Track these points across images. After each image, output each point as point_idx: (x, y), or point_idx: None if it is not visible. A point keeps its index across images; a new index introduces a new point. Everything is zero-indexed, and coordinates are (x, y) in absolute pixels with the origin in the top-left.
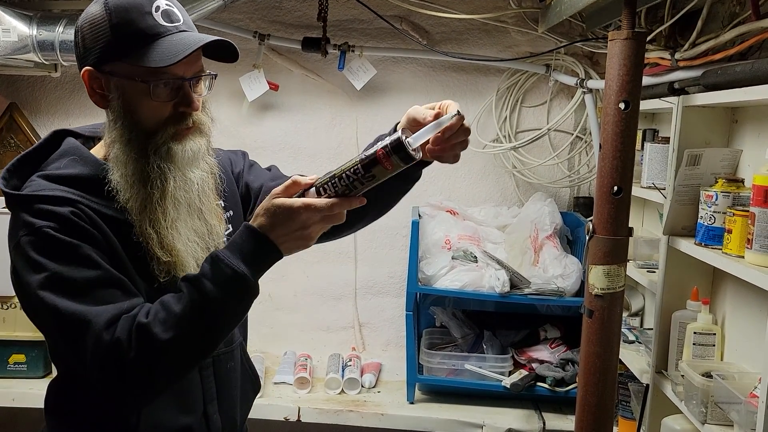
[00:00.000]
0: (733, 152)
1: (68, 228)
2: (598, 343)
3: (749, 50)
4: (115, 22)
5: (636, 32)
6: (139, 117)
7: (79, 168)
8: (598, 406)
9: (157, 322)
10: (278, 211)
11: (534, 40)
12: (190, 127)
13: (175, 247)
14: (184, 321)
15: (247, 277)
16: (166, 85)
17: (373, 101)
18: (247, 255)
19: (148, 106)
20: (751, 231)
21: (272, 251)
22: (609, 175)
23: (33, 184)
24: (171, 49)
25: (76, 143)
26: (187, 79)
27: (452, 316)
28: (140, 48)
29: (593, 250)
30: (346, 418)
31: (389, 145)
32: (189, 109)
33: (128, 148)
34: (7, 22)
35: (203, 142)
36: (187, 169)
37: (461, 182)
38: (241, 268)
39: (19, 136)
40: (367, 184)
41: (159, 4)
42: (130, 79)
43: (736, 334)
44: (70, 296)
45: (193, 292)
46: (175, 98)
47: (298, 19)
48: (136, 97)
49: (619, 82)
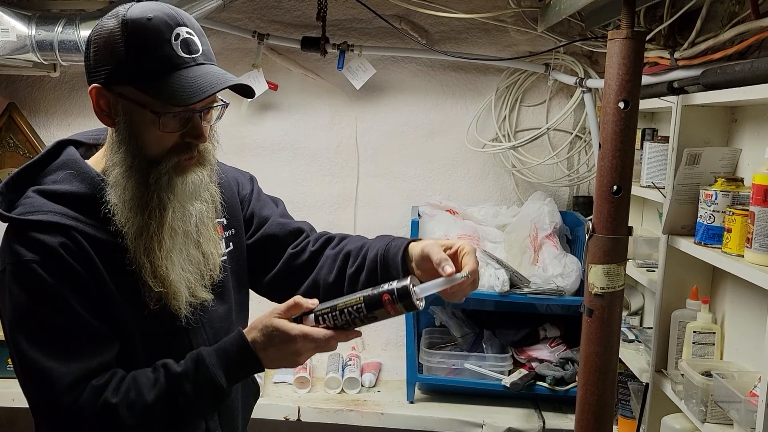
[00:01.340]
0: (732, 151)
1: (54, 263)
2: (598, 342)
3: (748, 49)
4: (131, 45)
5: (635, 31)
6: (144, 144)
7: (76, 185)
8: (597, 405)
9: (125, 405)
10: (275, 333)
11: (533, 40)
12: (193, 156)
13: (168, 278)
14: (153, 411)
15: (223, 389)
16: (175, 116)
17: (372, 101)
18: (231, 367)
19: (154, 135)
20: (750, 230)
21: (257, 367)
22: (608, 174)
23: (27, 202)
24: (186, 86)
25: (75, 155)
26: (198, 111)
27: (452, 316)
28: (154, 78)
29: (593, 249)
30: (346, 418)
31: (396, 292)
32: (197, 141)
33: (129, 174)
34: (6, 22)
35: (205, 172)
36: (187, 202)
37: (461, 182)
38: (221, 380)
39: (18, 136)
40: (367, 323)
41: (180, 31)
42: (140, 106)
43: (735, 333)
44: (38, 345)
45: (170, 385)
46: (183, 129)
47: (297, 19)
48: (143, 124)
49: (618, 81)
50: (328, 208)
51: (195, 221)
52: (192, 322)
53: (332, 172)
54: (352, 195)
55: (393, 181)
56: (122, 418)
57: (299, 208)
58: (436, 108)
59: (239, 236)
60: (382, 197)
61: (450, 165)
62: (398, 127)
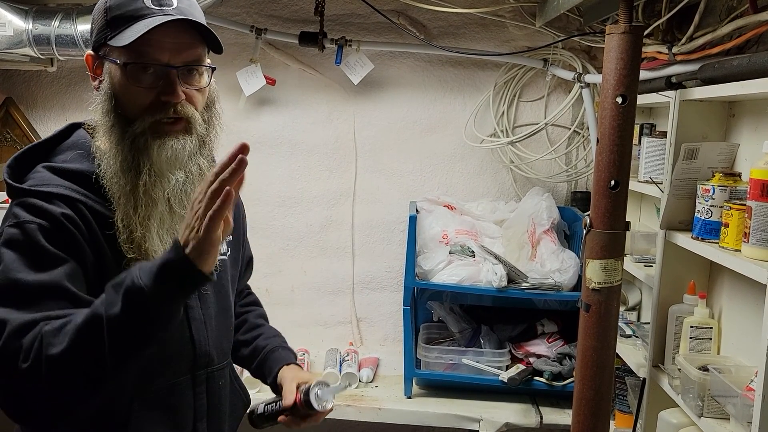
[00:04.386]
0: (730, 146)
1: (53, 230)
2: (595, 337)
3: (746, 44)
4: (109, 5)
5: (633, 26)
6: (121, 103)
7: (86, 164)
8: (595, 400)
9: (55, 332)
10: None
11: (531, 35)
12: (173, 121)
13: (143, 244)
14: (82, 331)
15: (143, 291)
16: (145, 70)
17: (370, 96)
18: (156, 267)
19: (129, 91)
20: (747, 225)
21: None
22: (606, 170)
23: (36, 177)
24: (136, 31)
25: (85, 136)
26: (173, 67)
27: (449, 311)
28: (120, 29)
29: (590, 245)
30: (343, 413)
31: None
32: (171, 98)
33: (109, 136)
34: (3, 16)
35: (190, 141)
36: (165, 168)
37: (459, 177)
38: (140, 280)
39: (16, 131)
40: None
41: None
42: (114, 62)
43: (732, 327)
44: (8, 301)
45: (100, 302)
46: (156, 85)
47: (294, 14)
48: (119, 81)
49: (616, 76)
50: (326, 204)
51: (176, 192)
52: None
53: (330, 167)
54: (350, 190)
55: (391, 177)
56: (50, 345)
57: (297, 203)
58: (434, 103)
59: (237, 246)
60: (380, 192)
61: (448, 160)
62: (396, 123)
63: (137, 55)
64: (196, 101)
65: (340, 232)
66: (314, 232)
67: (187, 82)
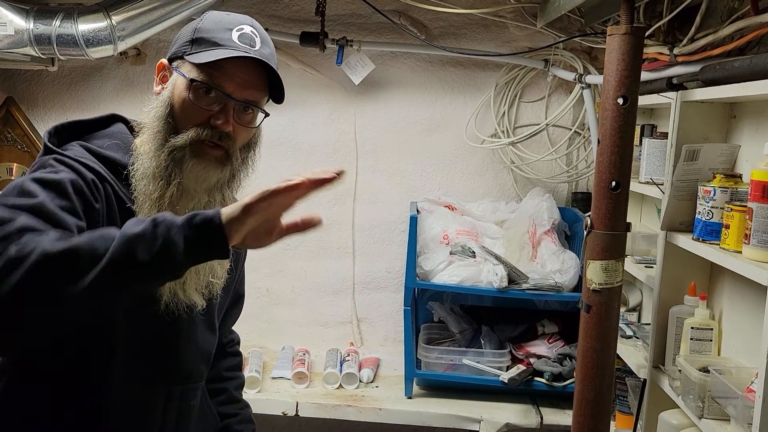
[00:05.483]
0: (731, 147)
1: (81, 189)
2: (596, 338)
3: (748, 45)
4: (200, 27)
5: (634, 27)
6: (175, 114)
7: (120, 154)
8: (595, 401)
9: (59, 237)
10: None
11: (532, 35)
12: (216, 145)
13: None
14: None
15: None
16: (208, 93)
17: (371, 96)
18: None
19: (185, 106)
20: (748, 226)
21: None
22: (607, 171)
23: (74, 149)
24: (218, 54)
25: (124, 129)
26: (233, 99)
27: (450, 311)
28: (201, 49)
29: (591, 246)
30: (344, 413)
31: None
32: (221, 125)
33: (152, 139)
34: (4, 16)
35: (222, 170)
36: (193, 187)
37: (459, 177)
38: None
39: (16, 131)
40: None
41: (244, 27)
42: (183, 75)
43: (733, 329)
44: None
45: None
46: (212, 109)
47: (295, 14)
48: (180, 94)
49: (617, 77)
50: (326, 204)
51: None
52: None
53: (331, 167)
54: (350, 191)
55: (392, 177)
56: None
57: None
58: (435, 104)
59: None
60: (380, 193)
61: (449, 161)
62: (397, 123)
63: (206, 77)
64: (239, 137)
65: (341, 233)
66: (315, 232)
67: (239, 118)
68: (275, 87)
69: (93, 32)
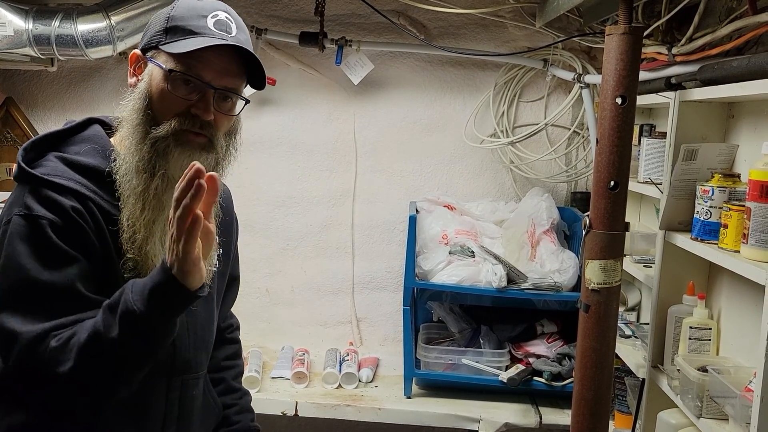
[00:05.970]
0: (729, 147)
1: (64, 227)
2: (595, 337)
3: (746, 45)
4: (173, 15)
5: (633, 27)
6: (153, 105)
7: (98, 159)
8: (594, 401)
9: (62, 347)
10: None
11: (531, 35)
12: (198, 133)
13: (143, 247)
14: (85, 348)
15: (136, 314)
16: (186, 83)
17: (370, 96)
18: (147, 290)
19: (164, 96)
20: (746, 226)
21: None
22: (606, 170)
23: (50, 165)
24: (195, 43)
25: (100, 132)
26: (213, 88)
27: (449, 311)
28: (176, 38)
29: (590, 245)
30: (343, 413)
31: None
32: (201, 114)
33: (132, 133)
34: (3, 16)
35: (207, 158)
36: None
37: (459, 177)
38: (135, 305)
39: (16, 131)
40: None
41: (219, 13)
42: (160, 66)
43: (731, 328)
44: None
45: (99, 320)
46: (191, 99)
47: (295, 14)
48: (158, 85)
49: (616, 77)
50: (326, 204)
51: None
52: None
53: (330, 167)
54: (350, 190)
55: (391, 177)
56: (60, 362)
57: (297, 203)
58: (435, 103)
59: (226, 260)
60: (380, 192)
61: (448, 160)
62: (396, 123)
63: (184, 67)
64: (220, 125)
65: (340, 232)
66: (314, 232)
67: (219, 106)
68: (253, 73)
69: (92, 32)
